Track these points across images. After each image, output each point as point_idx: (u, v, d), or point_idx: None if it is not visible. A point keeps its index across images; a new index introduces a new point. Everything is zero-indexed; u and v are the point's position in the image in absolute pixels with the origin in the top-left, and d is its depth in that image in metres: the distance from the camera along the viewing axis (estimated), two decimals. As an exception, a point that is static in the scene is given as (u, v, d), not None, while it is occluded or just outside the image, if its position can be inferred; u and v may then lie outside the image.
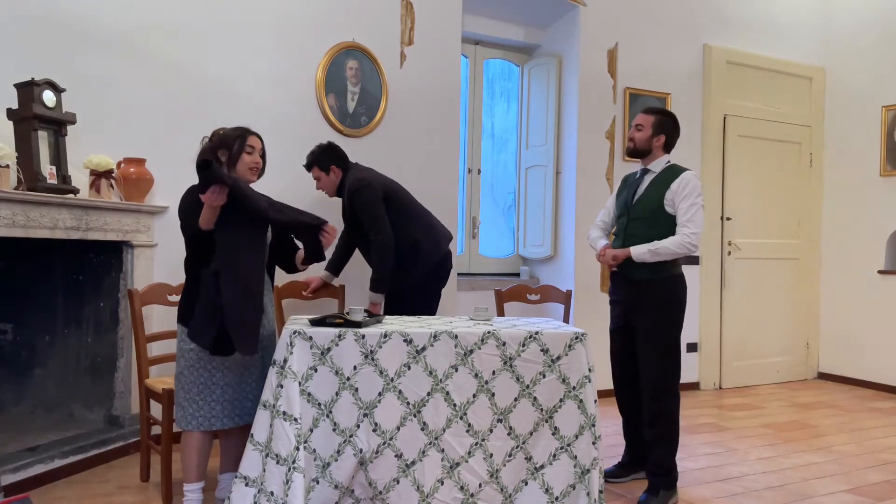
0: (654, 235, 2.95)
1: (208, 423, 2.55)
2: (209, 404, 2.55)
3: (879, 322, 5.38)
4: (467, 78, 5.00)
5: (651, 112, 3.11)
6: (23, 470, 2.85)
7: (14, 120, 3.00)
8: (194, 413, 2.54)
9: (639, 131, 3.07)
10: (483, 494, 2.60)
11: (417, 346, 2.60)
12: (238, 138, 2.58)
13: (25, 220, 2.85)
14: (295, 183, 3.79)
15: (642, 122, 3.08)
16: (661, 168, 3.05)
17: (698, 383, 5.36)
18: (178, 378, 2.59)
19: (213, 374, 2.55)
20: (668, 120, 3.09)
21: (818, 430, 4.24)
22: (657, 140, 3.05)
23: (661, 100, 5.15)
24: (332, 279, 3.77)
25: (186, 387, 2.55)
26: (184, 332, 2.56)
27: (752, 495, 3.09)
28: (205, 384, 2.54)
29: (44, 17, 3.30)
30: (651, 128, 3.04)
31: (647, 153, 3.07)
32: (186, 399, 2.55)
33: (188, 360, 2.55)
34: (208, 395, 2.55)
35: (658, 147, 3.06)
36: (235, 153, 2.56)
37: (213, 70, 3.74)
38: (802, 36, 5.77)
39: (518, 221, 5.29)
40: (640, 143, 3.06)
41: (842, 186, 5.71)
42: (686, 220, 2.92)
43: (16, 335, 3.57)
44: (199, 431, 2.56)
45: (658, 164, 3.07)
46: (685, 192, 2.94)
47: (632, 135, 3.10)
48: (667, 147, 3.08)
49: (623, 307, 3.10)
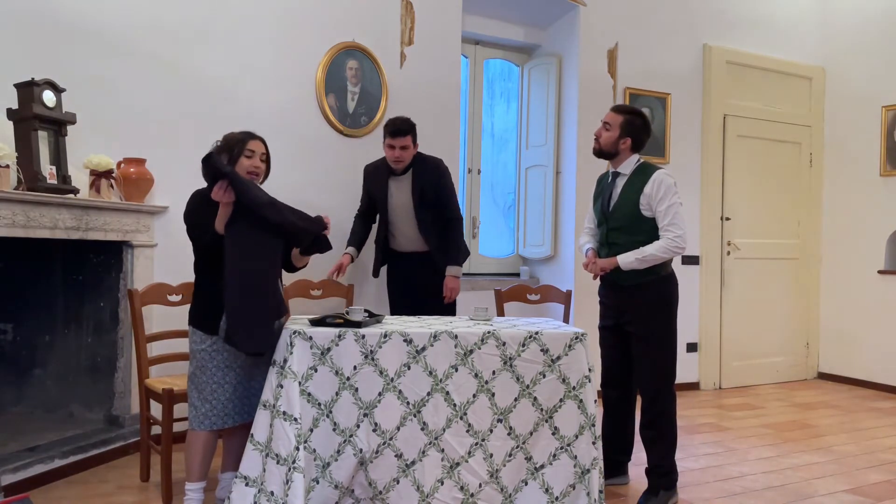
0: (639, 241, 2.88)
1: (221, 422, 2.57)
2: (222, 403, 2.56)
3: (879, 322, 5.38)
4: (467, 78, 5.00)
5: (620, 111, 3.00)
6: (23, 470, 2.85)
7: (14, 120, 2.99)
8: (207, 413, 2.55)
9: (606, 130, 2.96)
10: (483, 494, 2.60)
11: (417, 346, 2.60)
12: (239, 142, 2.61)
13: (25, 220, 2.85)
14: (295, 183, 3.80)
15: (610, 120, 2.97)
16: (630, 169, 2.95)
17: (698, 383, 5.36)
18: (191, 379, 2.59)
19: (227, 373, 2.56)
20: (638, 119, 2.97)
21: (818, 430, 4.24)
22: (623, 143, 2.93)
23: (661, 100, 5.15)
24: (356, 256, 3.81)
25: (200, 387, 2.56)
26: (194, 334, 2.58)
27: (752, 495, 3.09)
28: (218, 383, 2.55)
29: (44, 17, 3.30)
30: (619, 128, 2.93)
31: (613, 155, 2.97)
32: (200, 399, 2.55)
33: (200, 360, 2.56)
34: (221, 393, 2.56)
35: (625, 149, 2.95)
36: (235, 156, 2.59)
37: (213, 70, 3.74)
38: (802, 36, 5.77)
39: (518, 221, 5.28)
40: (606, 144, 2.96)
41: (842, 186, 5.71)
42: (668, 223, 2.84)
43: (16, 335, 3.57)
44: (207, 431, 2.56)
45: (627, 166, 2.96)
46: (660, 195, 2.85)
47: (598, 133, 2.99)
48: (635, 148, 2.97)
49: (614, 310, 3.06)
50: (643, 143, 3.00)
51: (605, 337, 3.15)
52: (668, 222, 2.85)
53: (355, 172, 4.16)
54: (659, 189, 2.86)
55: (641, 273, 2.91)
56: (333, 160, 4.10)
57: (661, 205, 2.85)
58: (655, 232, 2.89)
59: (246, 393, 2.62)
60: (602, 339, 3.16)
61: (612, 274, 2.98)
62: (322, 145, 4.07)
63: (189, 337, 2.62)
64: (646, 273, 2.91)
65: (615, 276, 2.98)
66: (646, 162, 2.99)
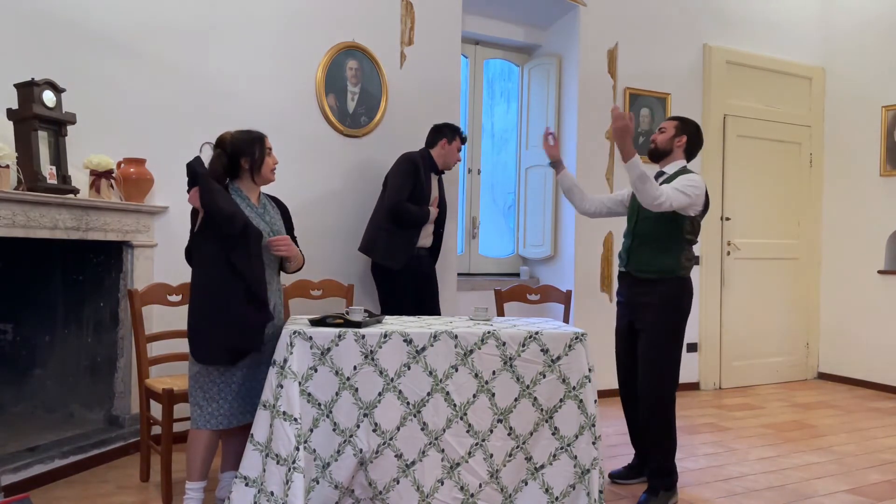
0: (662, 232, 2.95)
1: (227, 422, 2.56)
2: (228, 402, 2.56)
3: (879, 322, 5.38)
4: (467, 78, 5.00)
5: (674, 118, 3.15)
6: (23, 470, 2.85)
7: (14, 120, 2.99)
8: (214, 412, 2.55)
9: (661, 133, 3.09)
10: (483, 495, 2.60)
11: (417, 346, 2.60)
12: (258, 143, 2.62)
13: (25, 220, 2.85)
14: (294, 182, 3.80)
15: (665, 125, 3.11)
16: (674, 171, 3.04)
17: (698, 383, 5.36)
18: (194, 379, 2.57)
19: (234, 372, 2.56)
20: (692, 123, 3.11)
21: (818, 430, 4.24)
22: (678, 140, 3.04)
23: (661, 100, 5.15)
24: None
25: (205, 387, 2.55)
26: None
27: (752, 495, 3.09)
28: (225, 382, 2.55)
29: (44, 17, 3.30)
30: (673, 129, 3.06)
31: (667, 153, 3.07)
32: (206, 399, 2.55)
33: None
34: (228, 392, 2.55)
35: (679, 147, 3.05)
36: (259, 158, 2.61)
37: (213, 70, 3.74)
38: (802, 36, 5.77)
39: (518, 221, 5.28)
40: (662, 143, 3.08)
41: (842, 186, 5.71)
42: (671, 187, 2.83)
43: (16, 335, 3.57)
44: (210, 430, 2.55)
45: (673, 167, 3.05)
46: (679, 181, 2.89)
47: (654, 137, 3.13)
48: (688, 151, 3.08)
49: (628, 307, 3.11)
50: (696, 147, 3.11)
51: (618, 338, 3.20)
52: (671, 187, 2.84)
53: (355, 172, 4.17)
54: (682, 179, 2.90)
55: (657, 269, 2.96)
56: (333, 160, 4.10)
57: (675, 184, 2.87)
58: (679, 227, 2.93)
59: (249, 393, 2.61)
60: (616, 342, 3.21)
61: (630, 265, 3.05)
62: (322, 145, 4.07)
63: None
64: (661, 270, 2.95)
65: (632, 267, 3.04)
66: (688, 167, 3.06)
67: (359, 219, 4.13)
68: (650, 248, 2.98)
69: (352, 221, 4.13)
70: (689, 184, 2.87)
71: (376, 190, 4.01)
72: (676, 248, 2.95)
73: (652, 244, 2.98)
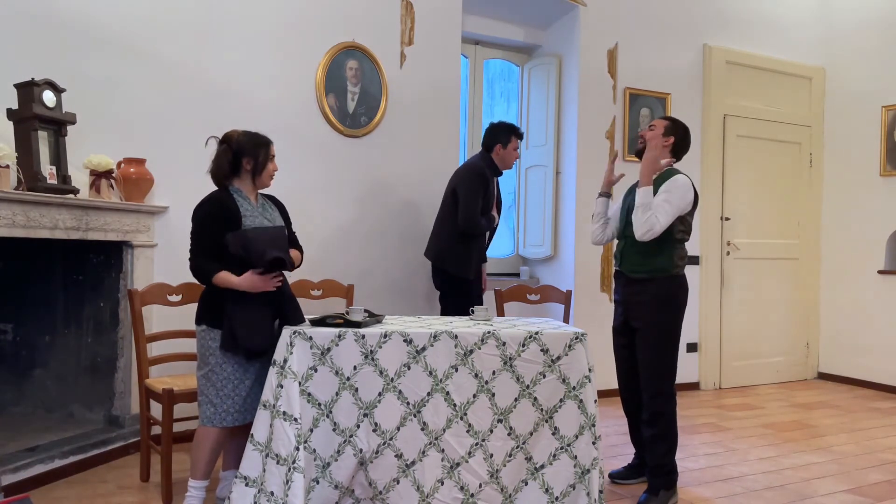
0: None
1: (242, 418, 2.56)
2: (241, 398, 2.55)
3: (879, 322, 5.38)
4: (467, 78, 5.00)
5: (666, 118, 3.15)
6: (23, 470, 2.85)
7: (14, 120, 2.99)
8: (228, 409, 2.54)
9: (651, 130, 3.09)
10: (483, 495, 2.60)
11: (417, 346, 2.60)
12: (263, 147, 2.63)
13: (25, 220, 2.85)
14: (294, 183, 3.79)
15: (656, 123, 3.11)
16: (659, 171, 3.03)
17: (698, 383, 5.36)
18: (206, 377, 2.55)
19: (248, 367, 2.56)
20: (681, 126, 3.11)
21: (818, 430, 4.24)
22: (666, 140, 3.04)
23: (661, 100, 5.15)
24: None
25: (218, 384, 2.54)
26: (209, 332, 2.55)
27: (752, 495, 3.09)
28: (239, 378, 2.55)
29: (44, 17, 3.30)
30: (662, 128, 3.06)
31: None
32: (219, 396, 2.54)
33: (218, 357, 2.53)
34: (242, 389, 2.55)
35: (665, 147, 3.04)
36: (262, 162, 2.62)
37: (213, 70, 3.74)
38: (802, 36, 5.77)
39: (518, 221, 5.28)
40: (650, 140, 3.06)
41: (842, 186, 5.71)
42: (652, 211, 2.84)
43: (16, 335, 3.57)
44: (220, 428, 2.55)
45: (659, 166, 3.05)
46: (666, 188, 2.89)
47: (642, 133, 3.13)
48: (674, 153, 3.07)
49: (624, 306, 3.11)
50: (682, 150, 3.10)
51: (616, 337, 3.20)
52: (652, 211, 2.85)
53: (355, 172, 4.17)
54: (669, 185, 2.91)
55: (649, 268, 2.96)
56: (333, 160, 4.10)
57: (660, 196, 2.88)
58: (671, 231, 2.92)
59: (260, 390, 2.59)
60: (613, 339, 3.22)
61: (623, 265, 3.07)
62: (322, 145, 4.07)
63: (199, 336, 2.59)
64: (656, 269, 2.95)
65: (626, 267, 3.05)
66: (675, 168, 3.05)
67: (359, 218, 4.13)
68: (642, 249, 2.97)
69: (352, 221, 4.14)
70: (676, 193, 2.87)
71: (376, 190, 4.01)
72: (668, 247, 2.95)
73: (643, 245, 2.96)
